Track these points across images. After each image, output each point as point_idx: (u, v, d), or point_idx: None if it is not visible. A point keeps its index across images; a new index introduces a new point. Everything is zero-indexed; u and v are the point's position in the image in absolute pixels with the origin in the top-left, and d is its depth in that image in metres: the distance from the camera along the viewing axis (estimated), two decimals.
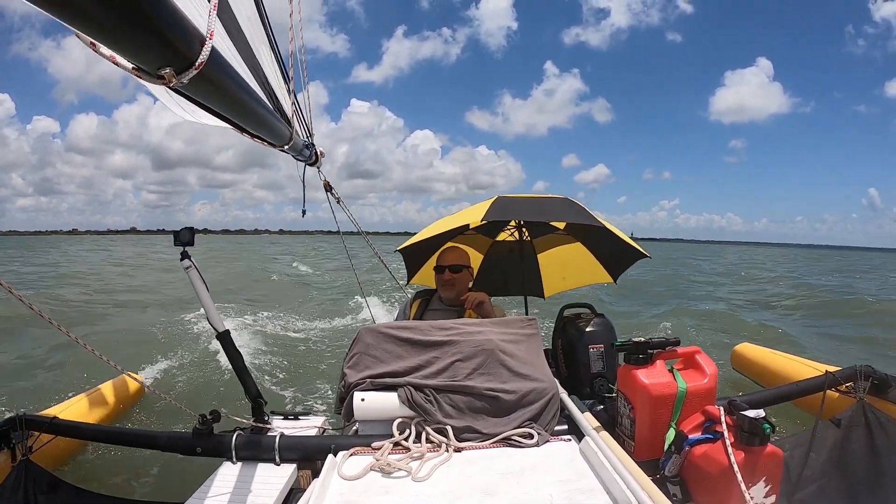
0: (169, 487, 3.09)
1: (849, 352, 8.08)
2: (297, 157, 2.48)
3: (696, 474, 1.90)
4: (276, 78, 2.14)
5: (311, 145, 2.59)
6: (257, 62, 1.92)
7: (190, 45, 0.89)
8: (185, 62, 0.89)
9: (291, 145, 2.07)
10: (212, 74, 1.01)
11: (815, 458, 2.59)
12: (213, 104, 1.19)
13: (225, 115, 1.35)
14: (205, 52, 0.91)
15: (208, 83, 1.03)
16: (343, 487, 1.80)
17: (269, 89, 2.00)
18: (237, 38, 1.75)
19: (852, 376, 2.79)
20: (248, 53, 1.83)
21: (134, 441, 2.66)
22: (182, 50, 0.87)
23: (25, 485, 2.42)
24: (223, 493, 2.06)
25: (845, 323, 11.13)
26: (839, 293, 16.58)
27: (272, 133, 1.76)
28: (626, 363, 2.19)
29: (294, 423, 2.71)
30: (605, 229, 2.97)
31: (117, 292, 15.01)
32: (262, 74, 1.97)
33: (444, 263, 3.17)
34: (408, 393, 2.23)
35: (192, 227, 2.41)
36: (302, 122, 2.45)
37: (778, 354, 4.01)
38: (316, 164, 2.82)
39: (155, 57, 0.84)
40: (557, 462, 1.95)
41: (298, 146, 2.25)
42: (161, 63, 0.85)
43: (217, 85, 1.09)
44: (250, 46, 1.87)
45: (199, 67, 0.90)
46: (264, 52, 2.05)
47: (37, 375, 6.30)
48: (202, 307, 2.50)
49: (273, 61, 2.14)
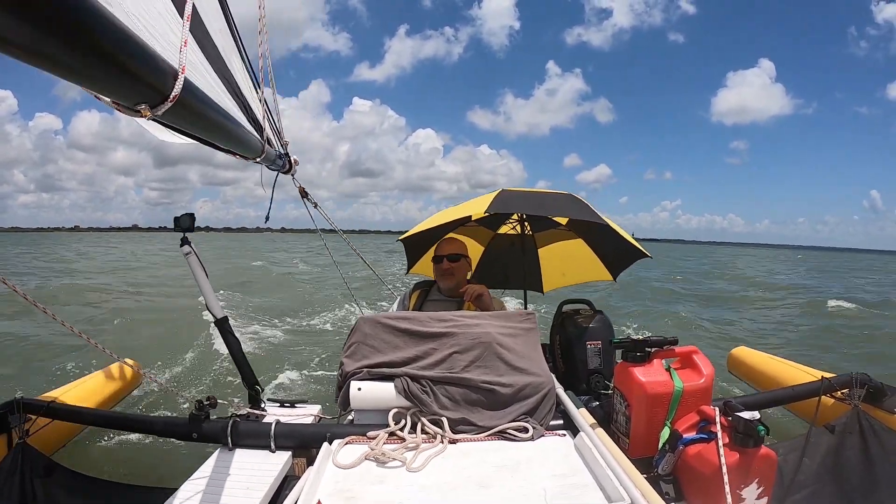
0: (164, 472, 3.11)
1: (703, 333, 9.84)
2: (271, 167, 2.49)
3: (689, 474, 1.91)
4: (248, 88, 2.16)
5: (285, 154, 2.61)
6: (230, 74, 1.95)
7: (163, 80, 0.94)
8: (159, 96, 0.93)
9: (264, 157, 2.08)
10: (186, 104, 1.05)
11: (809, 463, 2.60)
12: (189, 129, 1.24)
13: (199, 136, 1.40)
14: (178, 86, 0.96)
15: (183, 112, 1.07)
16: (338, 476, 1.80)
17: (242, 101, 2.02)
18: (209, 51, 1.78)
19: (848, 383, 2.79)
20: (220, 66, 1.85)
21: (130, 426, 2.67)
22: (156, 85, 0.92)
23: (22, 468, 2.43)
24: (218, 478, 2.06)
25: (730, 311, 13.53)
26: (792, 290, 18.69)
27: (245, 147, 1.79)
28: (624, 360, 2.20)
29: (290, 410, 2.72)
30: (608, 227, 2.98)
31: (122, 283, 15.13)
32: (236, 86, 1.99)
33: (441, 253, 3.18)
34: (404, 383, 2.24)
35: (192, 213, 2.42)
36: (275, 131, 2.47)
37: (774, 359, 4.00)
38: (290, 171, 2.83)
39: (130, 94, 0.89)
40: (552, 457, 1.95)
41: (272, 156, 2.27)
42: (136, 99, 0.90)
43: (191, 112, 1.13)
44: (223, 58, 1.89)
45: (172, 100, 0.96)
46: (236, 63, 2.06)
47: (34, 361, 6.33)
48: (201, 293, 2.51)
49: (244, 72, 2.16)
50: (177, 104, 0.97)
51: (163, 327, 8.40)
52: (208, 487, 2.01)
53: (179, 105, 0.98)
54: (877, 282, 27.16)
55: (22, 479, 2.40)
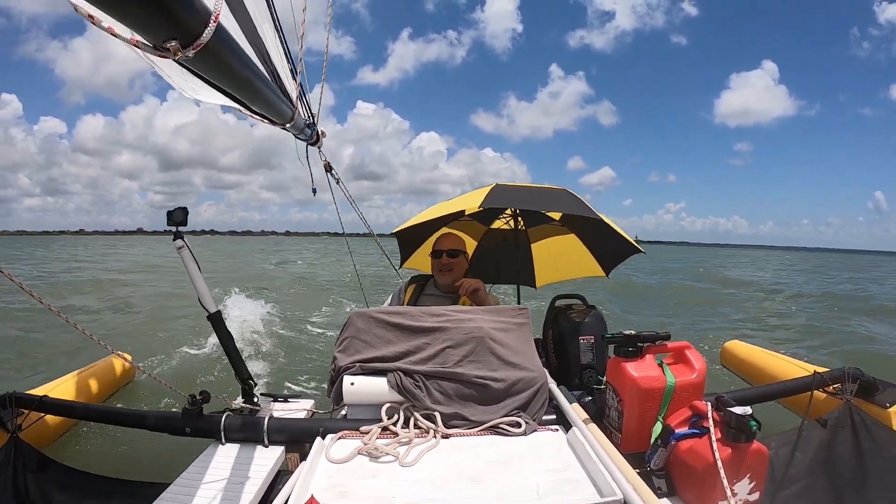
0: (157, 467, 3.09)
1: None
2: (299, 135, 2.47)
3: (681, 468, 1.91)
4: (279, 57, 2.13)
5: (313, 125, 2.59)
6: (261, 40, 1.91)
7: (196, 20, 0.88)
8: (191, 36, 0.88)
9: (293, 124, 2.06)
10: (218, 50, 1.00)
11: (801, 457, 2.61)
12: (218, 80, 1.19)
13: (229, 92, 1.35)
14: (210, 27, 0.91)
15: (214, 58, 1.03)
16: (330, 470, 1.80)
17: (271, 68, 2.00)
18: (241, 15, 1.74)
19: (840, 378, 2.80)
20: (251, 32, 1.82)
21: (123, 420, 2.66)
22: (189, 25, 0.87)
23: (14, 463, 2.41)
24: (211, 473, 2.06)
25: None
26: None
27: (275, 111, 1.76)
28: (616, 355, 2.19)
29: (283, 405, 2.71)
30: (602, 223, 2.98)
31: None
32: (265, 52, 1.96)
33: (441, 248, 3.17)
34: (397, 378, 2.24)
35: (185, 207, 2.41)
36: (304, 103, 2.44)
37: (767, 353, 4.02)
38: (317, 143, 2.81)
39: (160, 30, 0.84)
40: (544, 451, 1.95)
41: (300, 125, 2.24)
42: (166, 36, 0.85)
43: (223, 60, 1.09)
44: (254, 25, 1.86)
45: (204, 43, 0.90)
46: (268, 32, 2.03)
47: (27, 354, 6.31)
48: (194, 287, 2.50)
49: (276, 40, 2.13)
50: (207, 49, 0.92)
51: (156, 320, 8.37)
52: (201, 482, 2.00)
53: (210, 51, 0.94)
54: (852, 278, 28.28)
55: (14, 474, 2.39)
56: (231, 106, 1.65)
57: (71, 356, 5.71)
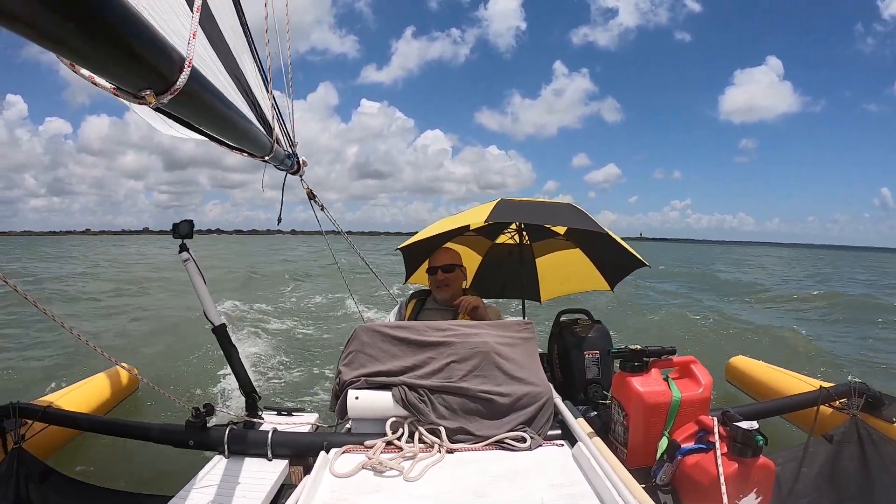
0: (160, 480, 3.08)
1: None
2: (279, 166, 2.49)
3: (687, 484, 1.90)
4: (259, 88, 2.15)
5: (293, 155, 2.60)
6: (240, 72, 1.94)
7: (170, 68, 0.91)
8: (165, 84, 0.91)
9: (273, 156, 2.07)
10: (193, 93, 1.03)
11: (807, 472, 2.59)
12: (195, 121, 1.21)
13: (205, 131, 1.37)
14: (184, 75, 0.93)
15: (190, 101, 1.05)
16: (334, 485, 1.79)
17: (252, 99, 2.02)
18: (220, 48, 1.77)
19: (846, 393, 2.79)
20: (231, 64, 1.85)
21: (126, 432, 2.66)
22: (162, 73, 0.89)
23: (17, 473, 2.42)
24: (214, 486, 2.06)
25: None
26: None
27: (253, 145, 1.78)
28: (622, 370, 2.19)
29: (287, 418, 2.71)
30: (606, 236, 2.98)
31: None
32: (246, 84, 1.98)
33: (435, 264, 3.18)
34: (402, 392, 2.23)
35: (190, 220, 2.42)
36: (284, 132, 2.46)
37: (772, 368, 4.00)
38: (298, 172, 2.82)
39: (135, 79, 0.86)
40: (550, 466, 1.94)
41: (280, 156, 2.27)
42: (141, 85, 0.87)
43: (198, 102, 1.11)
44: (234, 56, 1.89)
45: (179, 89, 0.93)
46: (247, 63, 2.06)
47: (31, 365, 6.31)
48: (199, 300, 2.50)
49: (255, 71, 2.15)
50: (183, 93, 0.94)
51: (160, 332, 8.37)
52: (205, 495, 2.00)
53: (186, 95, 0.96)
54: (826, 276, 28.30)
55: (17, 485, 2.40)
56: (209, 141, 1.66)
57: (75, 366, 5.71)
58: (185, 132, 1.50)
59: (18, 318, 8.80)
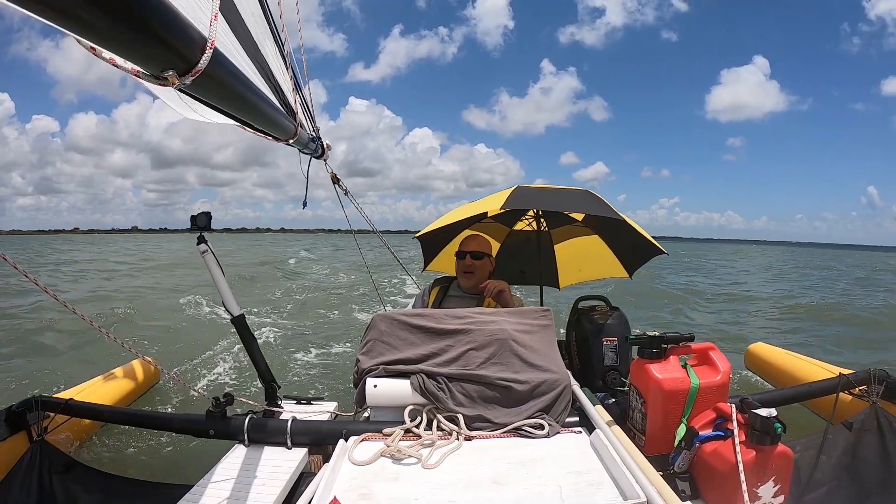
0: (181, 469, 3.14)
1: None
2: (304, 150, 2.49)
3: (705, 471, 1.90)
4: (281, 73, 2.15)
5: (318, 138, 2.60)
6: (262, 57, 1.94)
7: (192, 49, 0.91)
8: (188, 65, 0.90)
9: (297, 139, 2.08)
10: (216, 75, 1.03)
11: (826, 460, 2.58)
12: (219, 103, 1.22)
13: (230, 113, 1.37)
14: (206, 56, 0.93)
15: (213, 83, 1.05)
16: (353, 472, 1.81)
17: (274, 84, 2.02)
18: (242, 34, 1.77)
19: (866, 380, 2.77)
20: (252, 49, 1.85)
21: (148, 423, 2.70)
22: (185, 54, 0.89)
23: (40, 465, 2.47)
24: (234, 475, 2.09)
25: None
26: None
27: (277, 128, 1.78)
28: (640, 357, 2.18)
29: (306, 407, 2.73)
30: (624, 223, 2.97)
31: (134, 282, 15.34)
32: (268, 69, 1.98)
33: (465, 249, 3.15)
34: (420, 380, 2.25)
35: (208, 212, 2.43)
36: (307, 116, 2.46)
37: (791, 355, 3.98)
38: (322, 156, 2.83)
39: (158, 61, 0.86)
40: (567, 454, 1.95)
41: (304, 140, 2.26)
42: (164, 66, 0.87)
43: (222, 84, 1.11)
44: (255, 42, 1.89)
45: (201, 70, 0.92)
46: (269, 48, 2.06)
47: (53, 358, 6.40)
48: (218, 291, 2.53)
49: (278, 56, 2.15)
50: (206, 75, 0.93)
51: (180, 324, 8.46)
52: (225, 483, 2.03)
53: (209, 76, 0.96)
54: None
55: (40, 476, 2.45)
56: (233, 125, 1.67)
57: (96, 359, 5.79)
58: (210, 115, 1.50)
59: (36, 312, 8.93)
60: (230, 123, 1.63)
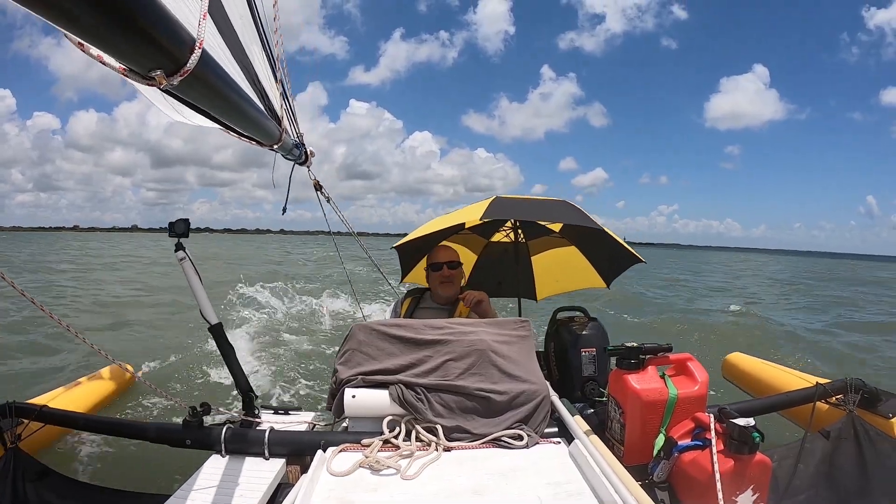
0: (157, 479, 3.08)
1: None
2: (287, 156, 2.48)
3: (684, 480, 1.90)
4: (267, 78, 2.14)
5: (301, 145, 2.59)
6: (249, 61, 1.92)
7: (181, 49, 0.89)
8: (175, 65, 0.89)
9: (281, 145, 2.07)
10: (203, 76, 1.02)
11: (804, 469, 2.60)
12: (204, 105, 1.20)
13: (215, 116, 1.35)
14: (194, 56, 0.91)
15: (200, 84, 1.04)
16: (332, 483, 1.79)
17: (259, 89, 2.01)
18: (229, 37, 1.75)
19: (843, 389, 2.80)
20: (239, 53, 1.83)
21: (123, 431, 2.65)
22: (173, 54, 0.88)
23: (14, 473, 2.42)
24: (211, 485, 2.06)
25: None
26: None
27: (262, 133, 1.77)
28: (618, 368, 2.19)
29: (284, 417, 2.70)
30: (602, 232, 2.98)
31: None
32: (254, 74, 1.96)
33: (440, 260, 3.16)
34: (399, 391, 2.23)
35: (186, 219, 2.41)
36: (292, 122, 2.45)
37: (769, 365, 4.01)
38: (306, 163, 2.82)
39: (145, 59, 0.85)
40: (547, 464, 1.95)
41: (288, 146, 2.26)
42: (151, 66, 0.86)
43: (208, 86, 1.10)
44: (242, 46, 1.87)
45: (189, 70, 0.91)
46: (256, 52, 2.04)
47: (27, 363, 6.29)
48: (195, 299, 2.49)
49: (264, 61, 2.14)
50: (193, 76, 0.92)
51: (156, 330, 8.36)
52: (202, 494, 2.00)
53: (196, 77, 0.94)
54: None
55: (14, 484, 2.40)
56: (217, 128, 1.65)
57: (73, 365, 5.70)
58: (195, 118, 1.49)
59: (14, 317, 8.77)
60: (214, 127, 1.61)
